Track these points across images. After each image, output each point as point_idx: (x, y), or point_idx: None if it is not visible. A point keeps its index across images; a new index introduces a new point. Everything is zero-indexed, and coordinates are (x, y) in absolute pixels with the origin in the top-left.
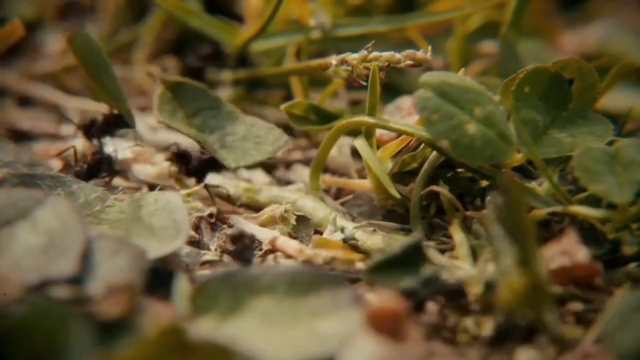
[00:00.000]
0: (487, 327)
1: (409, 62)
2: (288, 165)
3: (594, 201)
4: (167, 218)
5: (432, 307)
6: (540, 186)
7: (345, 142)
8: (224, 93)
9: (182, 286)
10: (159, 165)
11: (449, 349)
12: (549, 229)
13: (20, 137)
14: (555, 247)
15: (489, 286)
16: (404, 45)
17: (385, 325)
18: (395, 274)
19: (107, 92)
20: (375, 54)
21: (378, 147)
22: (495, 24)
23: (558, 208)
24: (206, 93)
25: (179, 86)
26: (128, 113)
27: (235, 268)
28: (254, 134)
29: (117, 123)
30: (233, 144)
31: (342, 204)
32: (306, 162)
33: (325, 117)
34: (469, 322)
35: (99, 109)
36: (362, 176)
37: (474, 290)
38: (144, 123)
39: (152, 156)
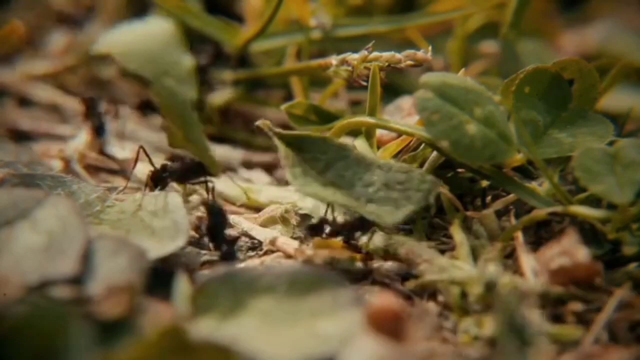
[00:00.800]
0: (487, 327)
1: (409, 62)
2: None
3: (594, 201)
4: (167, 218)
5: (432, 307)
6: (541, 186)
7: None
8: (224, 93)
9: (182, 286)
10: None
11: (449, 349)
12: (549, 229)
13: (20, 137)
14: (555, 247)
15: (489, 286)
16: (404, 46)
17: (385, 325)
18: None
19: (192, 140)
20: (375, 54)
21: (378, 147)
22: (495, 24)
23: (558, 208)
24: (330, 142)
25: (298, 141)
26: (212, 162)
27: (235, 268)
28: (395, 180)
29: (197, 171)
30: (378, 196)
31: None
32: None
33: (326, 117)
34: (469, 322)
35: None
36: None
37: (474, 291)
38: (144, 124)
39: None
